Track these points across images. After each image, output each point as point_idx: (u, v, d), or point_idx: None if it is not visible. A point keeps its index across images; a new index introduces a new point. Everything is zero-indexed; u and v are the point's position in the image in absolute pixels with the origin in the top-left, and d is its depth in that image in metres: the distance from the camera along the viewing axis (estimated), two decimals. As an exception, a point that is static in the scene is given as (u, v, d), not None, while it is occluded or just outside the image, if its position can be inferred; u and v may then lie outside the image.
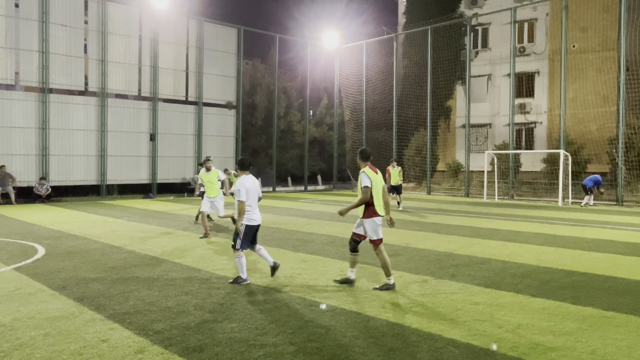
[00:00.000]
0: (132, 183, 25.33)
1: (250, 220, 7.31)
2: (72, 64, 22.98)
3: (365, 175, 6.89)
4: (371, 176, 6.93)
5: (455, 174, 30.74)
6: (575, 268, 8.36)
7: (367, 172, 6.94)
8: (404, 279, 7.57)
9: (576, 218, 16.32)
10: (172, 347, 4.75)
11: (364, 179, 6.88)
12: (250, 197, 7.29)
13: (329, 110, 36.22)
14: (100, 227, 13.37)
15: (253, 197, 7.36)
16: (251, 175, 7.50)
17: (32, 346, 4.75)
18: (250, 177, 7.44)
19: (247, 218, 7.27)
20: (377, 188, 6.98)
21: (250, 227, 7.32)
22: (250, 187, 7.30)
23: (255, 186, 7.42)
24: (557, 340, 4.95)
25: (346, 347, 4.76)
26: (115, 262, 8.73)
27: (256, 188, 7.45)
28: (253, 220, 7.34)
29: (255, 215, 7.37)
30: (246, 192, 7.21)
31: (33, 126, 21.99)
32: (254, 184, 7.44)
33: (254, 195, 7.37)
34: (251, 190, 7.32)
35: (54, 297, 6.44)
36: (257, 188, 7.49)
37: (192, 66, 27.21)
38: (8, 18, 21.44)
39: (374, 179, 6.93)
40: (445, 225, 14.30)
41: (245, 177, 7.37)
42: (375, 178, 6.99)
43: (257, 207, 7.43)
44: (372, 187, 6.90)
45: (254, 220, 7.35)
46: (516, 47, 27.59)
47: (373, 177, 6.94)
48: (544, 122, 30.02)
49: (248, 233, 7.29)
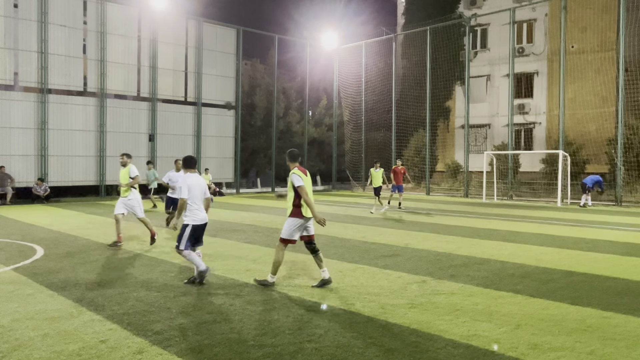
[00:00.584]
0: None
1: (195, 220, 7.20)
2: (71, 65, 22.97)
3: (296, 176, 6.94)
4: (302, 177, 6.96)
5: (455, 174, 30.76)
6: (574, 268, 8.36)
7: (297, 172, 6.98)
8: (403, 279, 7.57)
9: (575, 218, 16.33)
10: (171, 347, 4.74)
11: (296, 179, 6.91)
12: (193, 196, 7.17)
13: (328, 110, 36.22)
14: (99, 228, 13.36)
15: (197, 195, 7.23)
16: (197, 174, 7.42)
17: (30, 347, 4.74)
18: (194, 175, 7.35)
19: (192, 218, 7.17)
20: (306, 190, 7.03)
21: (196, 227, 7.21)
22: (193, 185, 7.18)
23: (199, 185, 7.29)
24: (556, 341, 4.95)
25: (345, 347, 4.76)
26: (114, 262, 8.72)
27: (200, 187, 7.32)
28: (198, 219, 7.23)
29: (201, 214, 7.27)
30: (188, 189, 7.12)
31: (32, 127, 21.98)
32: (198, 182, 7.31)
33: (198, 194, 7.25)
34: (194, 189, 7.20)
35: (52, 297, 6.44)
36: (202, 187, 7.36)
37: (191, 67, 27.20)
38: (7, 18, 21.42)
39: (303, 179, 6.97)
40: (444, 225, 14.30)
41: (189, 175, 7.33)
42: (305, 179, 7.00)
43: (202, 206, 7.34)
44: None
45: (199, 220, 7.24)
46: (515, 48, 27.61)
47: (303, 177, 6.97)
48: (542, 123, 30.07)
49: (194, 233, 7.19)
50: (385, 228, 13.67)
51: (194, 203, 7.20)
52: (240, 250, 10.00)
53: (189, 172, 7.42)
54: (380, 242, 11.16)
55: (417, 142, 30.43)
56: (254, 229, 13.25)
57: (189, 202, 7.16)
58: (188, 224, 7.16)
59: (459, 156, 31.01)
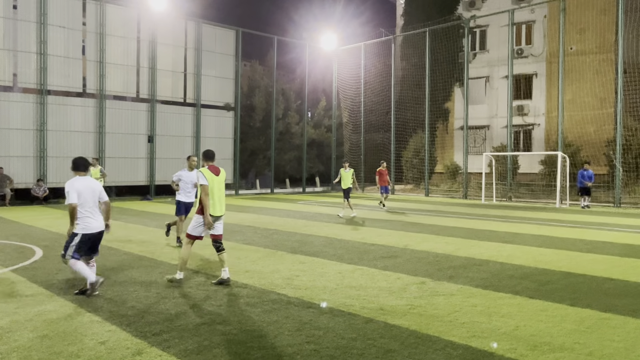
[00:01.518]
0: (130, 185, 25.31)
1: (86, 229, 6.49)
2: (70, 66, 22.96)
3: (202, 175, 7.19)
4: (208, 176, 7.19)
5: (454, 175, 30.78)
6: (573, 270, 8.37)
7: (204, 171, 7.23)
8: (402, 280, 7.57)
9: (574, 220, 16.35)
10: (170, 349, 4.74)
11: (201, 178, 7.19)
12: (84, 201, 6.47)
13: (327, 112, 36.23)
14: (98, 229, 13.33)
15: (88, 200, 6.51)
16: (87, 177, 6.71)
17: (29, 348, 4.74)
18: (84, 178, 6.63)
19: (82, 226, 6.46)
20: (213, 188, 7.25)
21: (88, 237, 6.51)
22: (82, 189, 6.47)
23: (90, 188, 6.57)
24: (555, 342, 4.96)
25: (344, 348, 4.76)
26: (113, 263, 8.72)
27: (93, 191, 6.60)
28: (90, 228, 6.51)
29: (94, 222, 6.54)
30: (77, 194, 6.41)
31: (31, 128, 21.96)
32: (89, 185, 6.58)
33: (89, 199, 6.52)
34: (84, 193, 6.48)
35: (51, 299, 6.43)
36: (95, 191, 6.63)
37: (190, 68, 27.21)
38: (6, 19, 21.42)
39: (210, 178, 7.21)
40: (443, 226, 14.31)
41: (78, 178, 6.60)
42: (213, 178, 7.25)
43: (96, 212, 6.61)
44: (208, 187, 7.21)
45: (91, 229, 6.52)
46: (514, 49, 27.64)
47: (210, 177, 7.21)
48: (541, 124, 30.10)
49: (85, 243, 6.50)
50: (384, 229, 13.67)
51: (85, 210, 6.47)
52: (239, 252, 10.00)
53: (77, 174, 6.64)
54: (379, 243, 11.17)
55: (416, 143, 30.45)
56: (253, 230, 13.25)
57: (80, 209, 6.43)
58: (77, 233, 6.45)
59: (458, 157, 31.03)
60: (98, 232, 6.63)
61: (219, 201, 7.36)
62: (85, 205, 6.50)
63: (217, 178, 7.31)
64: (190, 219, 7.63)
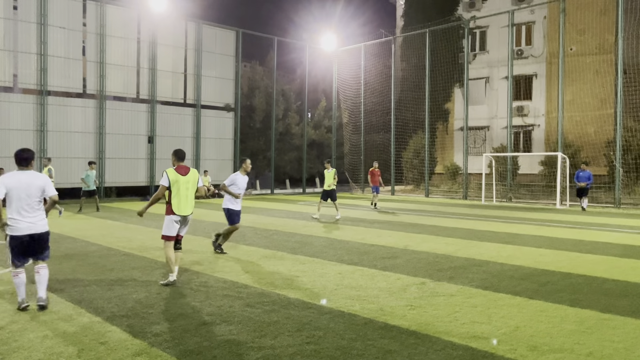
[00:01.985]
0: (130, 185, 25.31)
1: (14, 230, 5.76)
2: (70, 66, 22.98)
3: (165, 174, 7.42)
4: (172, 177, 7.39)
5: (454, 176, 30.80)
6: (573, 270, 8.37)
7: (169, 172, 7.44)
8: (402, 281, 7.58)
9: (574, 220, 16.35)
10: (170, 349, 4.74)
11: (163, 178, 7.43)
12: (14, 198, 5.74)
13: (327, 112, 36.25)
14: (98, 230, 13.35)
15: (21, 198, 5.76)
16: (28, 172, 5.96)
17: (29, 349, 4.74)
18: (21, 173, 5.92)
19: (11, 227, 5.77)
20: (179, 188, 7.40)
21: (15, 239, 5.78)
22: (14, 185, 5.75)
23: (26, 184, 5.82)
24: (555, 342, 4.96)
25: (344, 349, 4.76)
26: (113, 264, 8.72)
27: (29, 186, 5.83)
28: (17, 229, 5.76)
29: (22, 223, 5.76)
30: (6, 190, 5.72)
31: (31, 128, 21.97)
32: (26, 180, 5.83)
33: (23, 196, 5.77)
34: (16, 189, 5.75)
35: (52, 299, 6.43)
36: (34, 187, 5.86)
37: (191, 68, 27.23)
38: (6, 20, 21.43)
39: (175, 179, 7.39)
40: (443, 227, 14.31)
41: (13, 172, 5.93)
42: (178, 179, 7.40)
43: (30, 211, 5.83)
44: (172, 186, 7.36)
45: (18, 230, 5.76)
46: (514, 50, 27.67)
47: (174, 177, 7.39)
48: (541, 125, 30.12)
49: (16, 247, 5.80)
50: (384, 230, 13.68)
51: (13, 208, 5.75)
52: (239, 252, 10.00)
53: (19, 169, 5.97)
54: (379, 244, 11.17)
55: (416, 144, 30.47)
56: (253, 231, 13.25)
57: (7, 208, 5.76)
58: (7, 235, 5.81)
59: (458, 158, 31.04)
60: (27, 234, 5.80)
61: (185, 200, 7.44)
62: (14, 203, 5.75)
63: (183, 178, 7.44)
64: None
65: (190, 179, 7.51)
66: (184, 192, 7.41)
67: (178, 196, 7.36)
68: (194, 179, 7.58)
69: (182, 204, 7.39)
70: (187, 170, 7.51)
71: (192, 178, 7.55)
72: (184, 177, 7.44)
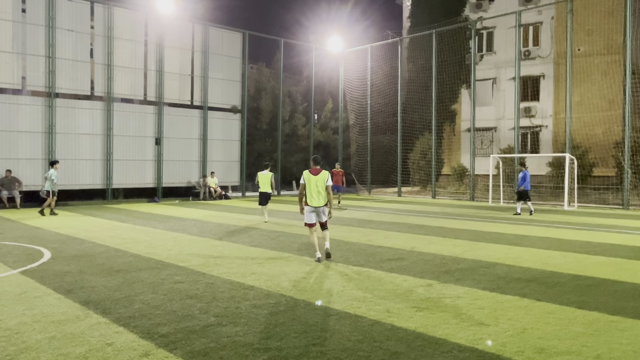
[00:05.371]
0: (137, 187, 25.42)
1: None
2: (78, 69, 23.11)
3: (302, 176, 9.14)
4: (305, 177, 9.18)
5: (461, 177, 30.70)
6: (581, 272, 8.32)
7: (305, 173, 9.07)
8: (408, 282, 7.56)
9: (582, 222, 16.26)
10: (176, 350, 4.76)
11: (302, 179, 9.20)
12: None
13: (333, 114, 36.25)
14: (105, 231, 13.42)
15: None
16: None
17: (37, 349, 4.77)
18: None
19: None
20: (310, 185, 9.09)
21: None
22: None
23: None
24: (563, 345, 4.93)
25: (350, 351, 4.76)
26: (121, 265, 8.76)
27: None
28: None
29: None
30: None
31: (39, 130, 22.12)
32: None
33: None
34: None
35: (59, 300, 6.47)
36: None
37: (198, 70, 27.31)
38: (15, 23, 21.59)
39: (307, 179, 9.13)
40: (450, 229, 14.26)
41: None
42: (310, 178, 9.08)
43: None
44: (306, 184, 9.20)
45: None
46: (521, 51, 27.55)
47: (307, 177, 9.14)
48: (549, 126, 29.96)
49: None
50: (391, 231, 13.65)
51: None
52: (246, 253, 10.02)
53: None
54: (385, 245, 11.15)
55: (423, 145, 30.40)
56: (260, 232, 13.27)
57: None
58: None
59: (465, 159, 30.94)
60: None
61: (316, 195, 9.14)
62: None
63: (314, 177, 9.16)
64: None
65: (319, 178, 9.07)
66: (314, 188, 9.03)
67: (310, 192, 9.04)
68: (323, 179, 9.10)
69: (313, 198, 9.03)
70: (319, 172, 9.11)
71: (321, 178, 9.09)
72: (315, 177, 9.05)
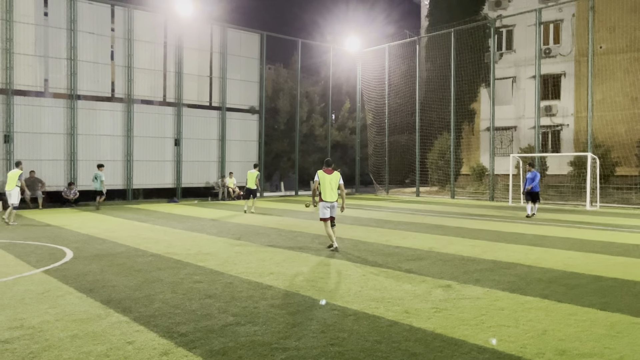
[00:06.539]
0: (157, 187, 25.70)
1: None
2: (99, 71, 23.45)
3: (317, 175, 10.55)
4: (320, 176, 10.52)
5: (480, 177, 30.41)
6: (604, 273, 8.18)
7: (319, 173, 10.54)
8: (427, 283, 7.51)
9: (604, 222, 15.98)
10: (196, 349, 4.80)
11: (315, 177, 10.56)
12: None
13: (351, 114, 36.19)
14: (126, 231, 13.58)
15: None
16: None
17: (60, 347, 4.85)
18: None
19: None
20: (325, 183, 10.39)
21: None
22: None
23: None
24: (584, 347, 4.85)
25: (368, 351, 4.75)
26: (141, 265, 8.86)
27: None
28: None
29: None
30: None
31: (61, 132, 22.49)
32: None
33: None
34: None
35: (81, 299, 6.57)
36: None
37: (216, 72, 27.51)
38: (37, 27, 22.00)
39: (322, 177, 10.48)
40: (469, 229, 14.14)
41: None
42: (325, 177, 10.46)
43: None
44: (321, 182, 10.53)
45: None
46: (541, 49, 27.19)
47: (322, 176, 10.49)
48: (570, 125, 29.52)
49: None
50: (409, 232, 13.59)
51: None
52: (264, 254, 10.06)
53: None
54: (404, 245, 11.10)
55: (442, 145, 30.19)
56: (278, 232, 13.31)
57: None
58: None
59: (485, 159, 30.65)
60: None
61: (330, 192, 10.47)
62: None
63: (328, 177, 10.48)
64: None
65: (332, 178, 10.45)
66: (328, 186, 10.39)
67: (324, 189, 10.39)
68: (336, 178, 10.48)
69: (327, 194, 10.36)
70: (331, 172, 10.53)
71: (334, 177, 10.48)
72: (329, 176, 10.46)
